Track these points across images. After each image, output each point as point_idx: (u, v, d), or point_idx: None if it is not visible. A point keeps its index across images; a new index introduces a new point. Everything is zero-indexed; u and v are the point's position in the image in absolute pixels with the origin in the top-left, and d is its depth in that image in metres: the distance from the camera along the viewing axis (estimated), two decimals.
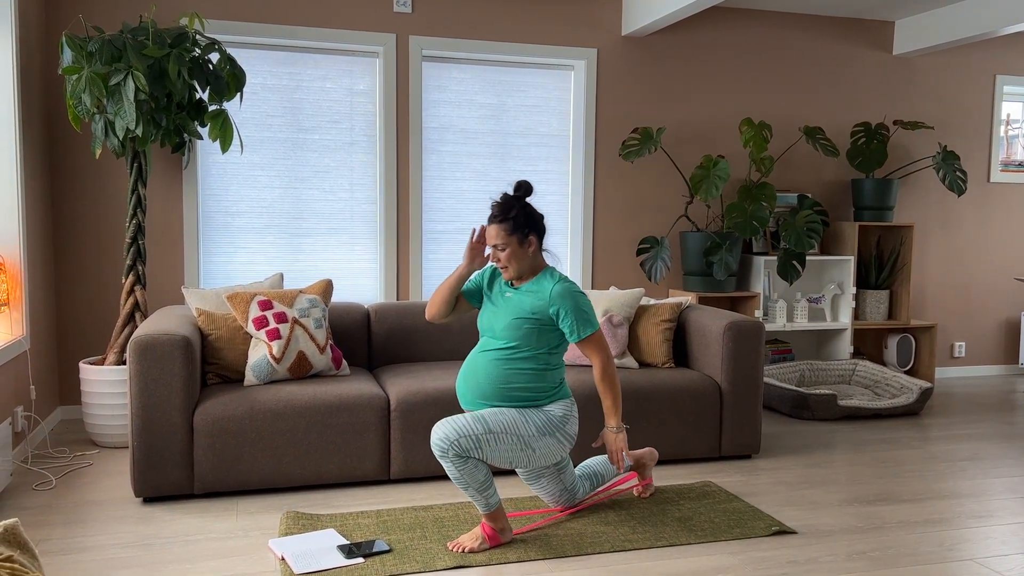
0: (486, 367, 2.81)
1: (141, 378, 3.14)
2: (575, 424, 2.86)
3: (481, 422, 2.70)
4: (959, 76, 5.87)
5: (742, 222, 4.94)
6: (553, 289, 2.79)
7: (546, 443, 2.78)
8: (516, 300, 2.83)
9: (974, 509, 3.27)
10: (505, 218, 2.79)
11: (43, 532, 2.91)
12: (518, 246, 2.80)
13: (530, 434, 2.75)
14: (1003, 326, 6.15)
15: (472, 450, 2.67)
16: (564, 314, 2.77)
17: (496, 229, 2.80)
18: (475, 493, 2.72)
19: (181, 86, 3.76)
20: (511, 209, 2.80)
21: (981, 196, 6.01)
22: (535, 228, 2.84)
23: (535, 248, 2.84)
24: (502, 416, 2.74)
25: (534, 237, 2.83)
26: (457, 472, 2.68)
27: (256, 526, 2.99)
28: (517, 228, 2.79)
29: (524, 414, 2.77)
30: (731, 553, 2.80)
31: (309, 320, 3.60)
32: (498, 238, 2.79)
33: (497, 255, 2.82)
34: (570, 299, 2.78)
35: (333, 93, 4.77)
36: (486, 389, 2.80)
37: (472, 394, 2.84)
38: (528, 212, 2.83)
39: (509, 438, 2.72)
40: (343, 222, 4.85)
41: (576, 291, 2.80)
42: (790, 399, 4.69)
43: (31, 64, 4.02)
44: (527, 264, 2.84)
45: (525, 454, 2.76)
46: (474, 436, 2.67)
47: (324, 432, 3.33)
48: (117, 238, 4.49)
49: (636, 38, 5.20)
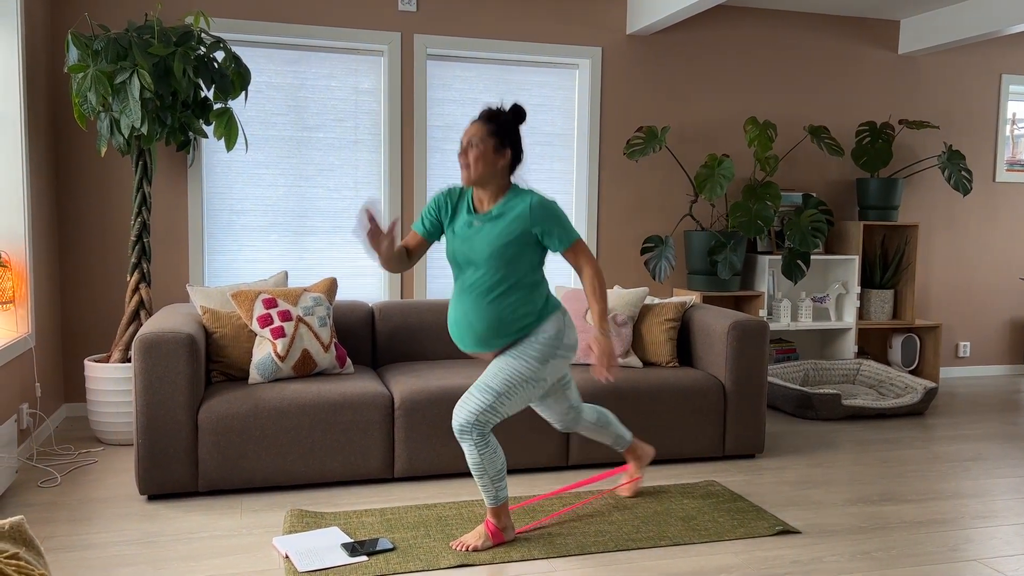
0: (477, 310, 2.73)
1: (146, 376, 3.15)
2: (572, 332, 2.80)
3: (488, 391, 2.68)
4: (964, 75, 5.86)
5: (746, 221, 4.94)
6: (532, 205, 2.70)
7: (551, 366, 2.74)
8: (491, 227, 2.73)
9: (978, 509, 3.27)
10: (490, 119, 2.72)
11: (48, 529, 2.92)
12: (492, 152, 2.70)
13: (533, 369, 2.71)
14: (1008, 326, 6.14)
15: (492, 420, 2.68)
16: (549, 230, 2.71)
17: (477, 126, 2.72)
18: (489, 482, 2.72)
19: (186, 84, 3.77)
20: (499, 115, 2.74)
21: (986, 196, 5.99)
22: (514, 145, 2.75)
23: (505, 164, 2.74)
24: (503, 373, 2.70)
25: (509, 152, 2.74)
26: (478, 456, 2.68)
27: (260, 524, 2.99)
28: (498, 134, 2.71)
29: (520, 355, 2.71)
30: (735, 553, 2.80)
31: (313, 318, 3.60)
32: (476, 134, 2.70)
33: (467, 151, 2.71)
34: (551, 213, 2.71)
35: (338, 91, 4.77)
36: (482, 334, 2.73)
37: (470, 340, 2.77)
38: (514, 128, 2.75)
39: (519, 387, 2.70)
40: (348, 220, 4.85)
41: (552, 203, 2.73)
42: (794, 399, 4.68)
43: (37, 62, 4.03)
44: (490, 175, 2.72)
45: (539, 387, 2.75)
46: (488, 407, 2.67)
47: (328, 430, 3.34)
48: (122, 236, 4.50)
49: (641, 37, 5.19)
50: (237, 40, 4.59)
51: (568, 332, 2.78)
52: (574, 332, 2.82)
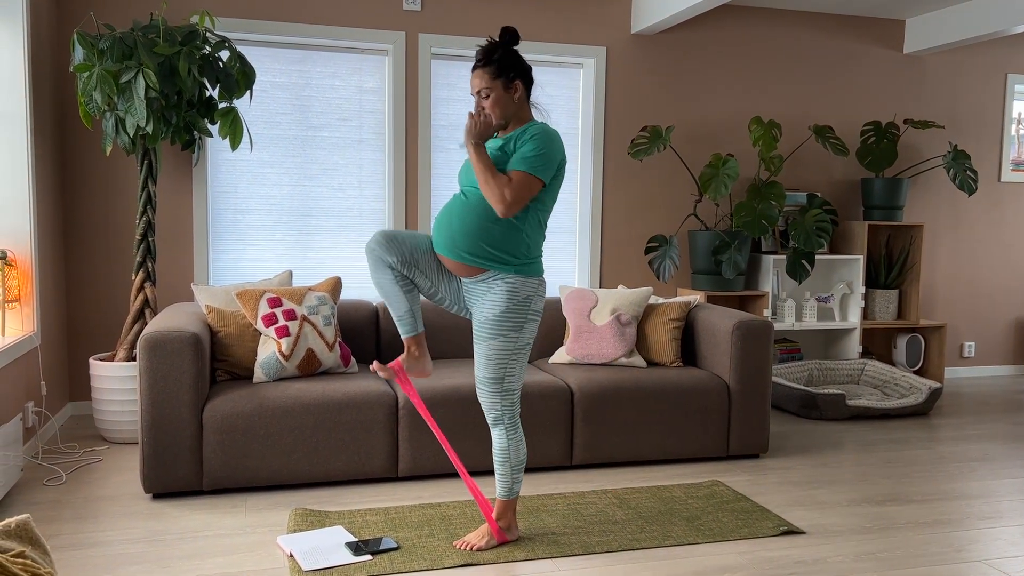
0: (461, 214, 2.66)
1: (151, 375, 3.16)
2: (540, 302, 2.73)
3: (492, 383, 2.71)
4: (970, 75, 5.84)
5: (751, 221, 4.93)
6: (532, 129, 2.64)
7: (526, 330, 2.70)
8: (495, 146, 2.70)
9: (983, 510, 3.26)
10: (488, 61, 2.65)
11: (53, 527, 2.93)
12: (503, 91, 2.65)
13: (513, 340, 2.68)
14: (1013, 326, 6.12)
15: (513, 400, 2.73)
16: (520, 146, 2.61)
17: (480, 74, 2.66)
18: (509, 471, 2.76)
19: (191, 84, 3.77)
20: (494, 52, 2.66)
21: (992, 196, 5.98)
22: (521, 73, 2.68)
23: (521, 95, 2.69)
24: (491, 360, 2.69)
25: (519, 82, 2.68)
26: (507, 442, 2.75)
27: (264, 523, 3.00)
28: (502, 72, 2.65)
29: (496, 335, 2.67)
30: (739, 553, 2.80)
31: (318, 317, 3.61)
32: (482, 83, 2.65)
33: (481, 103, 2.67)
34: (535, 137, 2.61)
35: (342, 91, 4.78)
36: (459, 240, 2.65)
37: (444, 241, 2.69)
38: (513, 56, 2.68)
39: (511, 361, 2.70)
40: (352, 219, 4.85)
41: (554, 136, 2.64)
42: (798, 399, 4.68)
43: (42, 61, 4.04)
44: (511, 111, 2.68)
45: (526, 351, 2.74)
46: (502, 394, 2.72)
47: (332, 429, 3.34)
48: (127, 235, 4.51)
49: (645, 36, 5.19)
50: (242, 39, 4.59)
51: (536, 300, 2.72)
52: (542, 302, 2.76)
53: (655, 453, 3.73)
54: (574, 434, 3.62)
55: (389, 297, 2.74)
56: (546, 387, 3.59)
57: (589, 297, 4.04)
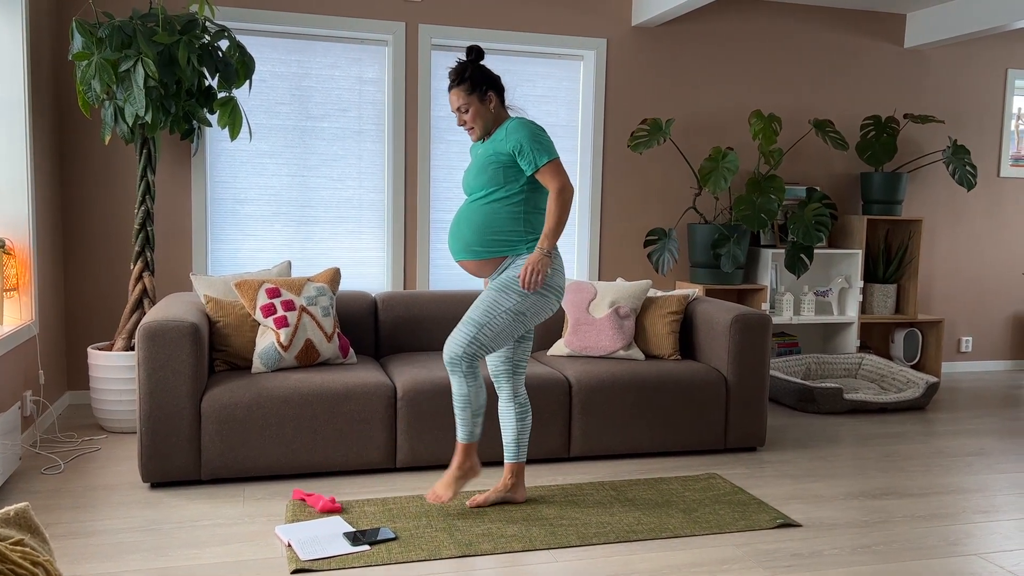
0: (468, 216, 2.92)
1: (149, 364, 3.16)
2: (560, 277, 2.89)
3: (470, 323, 2.82)
4: (970, 70, 5.84)
5: (750, 215, 4.93)
6: (509, 125, 2.88)
7: (532, 301, 2.84)
8: (483, 149, 2.94)
9: (979, 504, 3.27)
10: (462, 80, 2.90)
11: (51, 516, 2.93)
12: (479, 104, 2.91)
13: (514, 300, 2.82)
14: (1011, 321, 6.14)
15: (478, 352, 2.83)
16: (521, 147, 2.84)
17: (456, 93, 2.91)
18: (470, 416, 2.92)
19: (190, 73, 3.76)
20: (465, 70, 2.91)
21: (991, 191, 5.98)
22: (492, 85, 2.93)
23: (496, 104, 2.94)
24: (483, 304, 2.84)
25: (492, 93, 2.93)
26: (466, 388, 2.88)
27: (263, 512, 3.00)
28: (475, 87, 2.90)
29: (502, 287, 2.84)
30: (735, 545, 2.81)
31: (317, 308, 3.61)
32: (459, 100, 2.91)
33: (462, 118, 2.93)
34: (524, 130, 2.84)
35: (342, 81, 4.77)
36: (469, 239, 2.91)
37: (458, 245, 2.95)
38: (483, 71, 2.92)
39: (500, 318, 2.82)
40: (351, 210, 4.85)
41: (531, 123, 2.87)
42: (796, 392, 4.69)
43: (41, 50, 4.03)
44: (491, 120, 2.94)
45: (520, 322, 2.85)
46: (472, 338, 2.81)
47: (331, 420, 3.34)
48: (126, 224, 4.50)
49: (646, 28, 5.17)
50: (241, 29, 4.58)
51: (555, 275, 2.88)
52: (562, 278, 2.91)
53: (653, 446, 3.74)
54: (572, 426, 3.63)
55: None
56: (544, 379, 3.59)
57: (588, 290, 4.05)
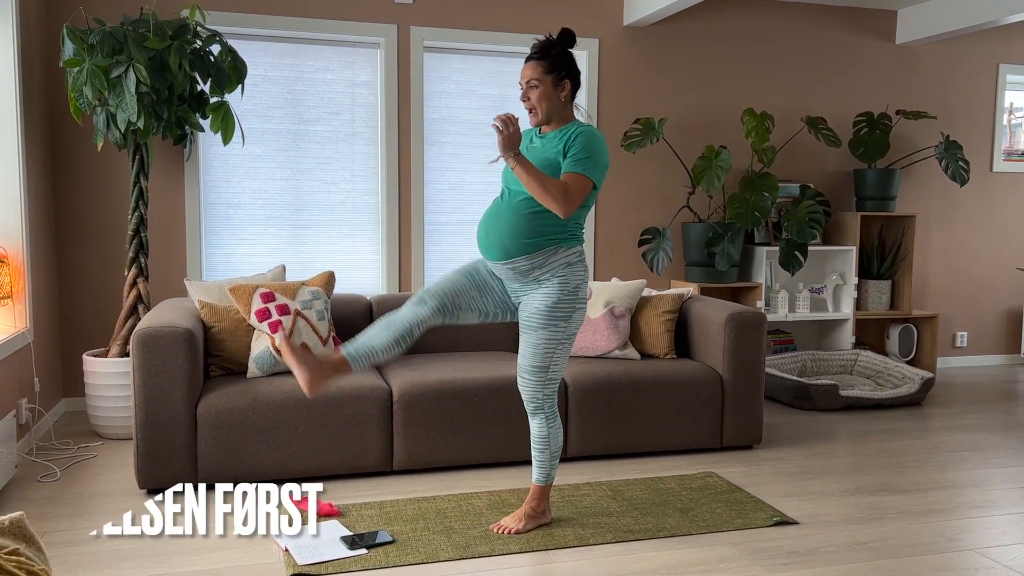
0: (508, 218, 2.72)
1: (144, 370, 3.15)
2: (585, 288, 2.80)
3: (536, 372, 2.77)
4: (962, 65, 5.85)
5: (744, 213, 4.94)
6: (576, 129, 2.71)
7: (574, 320, 2.77)
8: (540, 147, 2.76)
9: (975, 499, 3.28)
10: (544, 55, 2.73)
11: (48, 524, 2.92)
12: (551, 87, 2.73)
13: (561, 330, 2.74)
14: (1005, 316, 6.15)
15: (554, 390, 2.81)
16: (572, 149, 2.66)
17: (532, 65, 2.74)
18: (548, 458, 2.86)
19: (182, 78, 3.76)
20: (551, 47, 2.74)
21: (984, 186, 5.99)
22: (572, 74, 2.77)
23: (567, 93, 2.77)
24: (539, 350, 2.75)
25: (568, 82, 2.76)
26: (547, 430, 2.84)
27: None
28: (554, 68, 2.73)
29: (545, 326, 2.72)
30: (732, 544, 2.81)
31: (311, 312, 3.61)
32: (533, 74, 2.73)
33: (528, 93, 2.74)
34: (586, 139, 2.67)
35: (334, 84, 4.76)
36: (508, 244, 2.71)
37: (493, 245, 2.76)
38: (568, 56, 2.76)
39: (557, 352, 2.76)
40: (345, 214, 4.85)
41: (600, 138, 2.71)
42: (792, 389, 4.69)
43: (32, 57, 4.02)
44: (557, 108, 2.76)
45: (570, 342, 2.80)
46: (546, 381, 2.78)
47: (327, 424, 3.34)
48: (119, 231, 4.49)
49: (638, 28, 5.18)
50: (233, 33, 4.57)
51: (583, 288, 2.80)
52: (587, 287, 2.90)
53: (649, 445, 3.74)
54: (568, 426, 3.63)
55: (386, 328, 2.81)
56: None
57: None
